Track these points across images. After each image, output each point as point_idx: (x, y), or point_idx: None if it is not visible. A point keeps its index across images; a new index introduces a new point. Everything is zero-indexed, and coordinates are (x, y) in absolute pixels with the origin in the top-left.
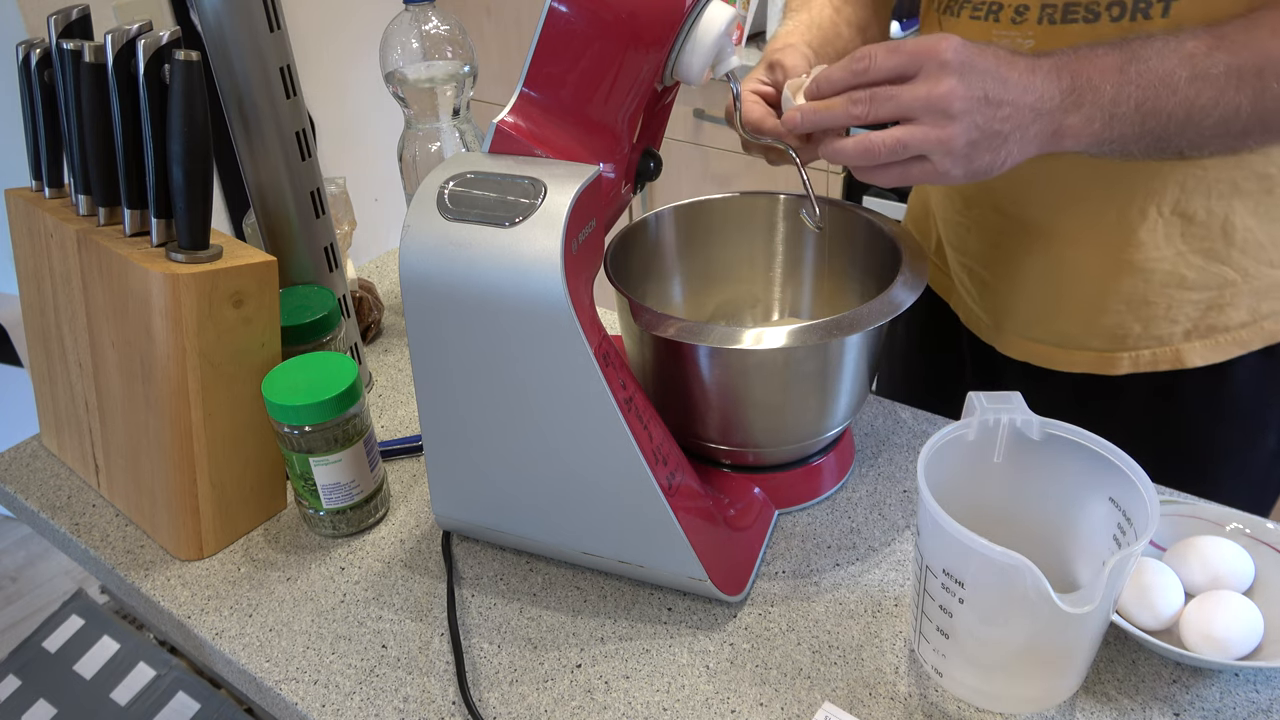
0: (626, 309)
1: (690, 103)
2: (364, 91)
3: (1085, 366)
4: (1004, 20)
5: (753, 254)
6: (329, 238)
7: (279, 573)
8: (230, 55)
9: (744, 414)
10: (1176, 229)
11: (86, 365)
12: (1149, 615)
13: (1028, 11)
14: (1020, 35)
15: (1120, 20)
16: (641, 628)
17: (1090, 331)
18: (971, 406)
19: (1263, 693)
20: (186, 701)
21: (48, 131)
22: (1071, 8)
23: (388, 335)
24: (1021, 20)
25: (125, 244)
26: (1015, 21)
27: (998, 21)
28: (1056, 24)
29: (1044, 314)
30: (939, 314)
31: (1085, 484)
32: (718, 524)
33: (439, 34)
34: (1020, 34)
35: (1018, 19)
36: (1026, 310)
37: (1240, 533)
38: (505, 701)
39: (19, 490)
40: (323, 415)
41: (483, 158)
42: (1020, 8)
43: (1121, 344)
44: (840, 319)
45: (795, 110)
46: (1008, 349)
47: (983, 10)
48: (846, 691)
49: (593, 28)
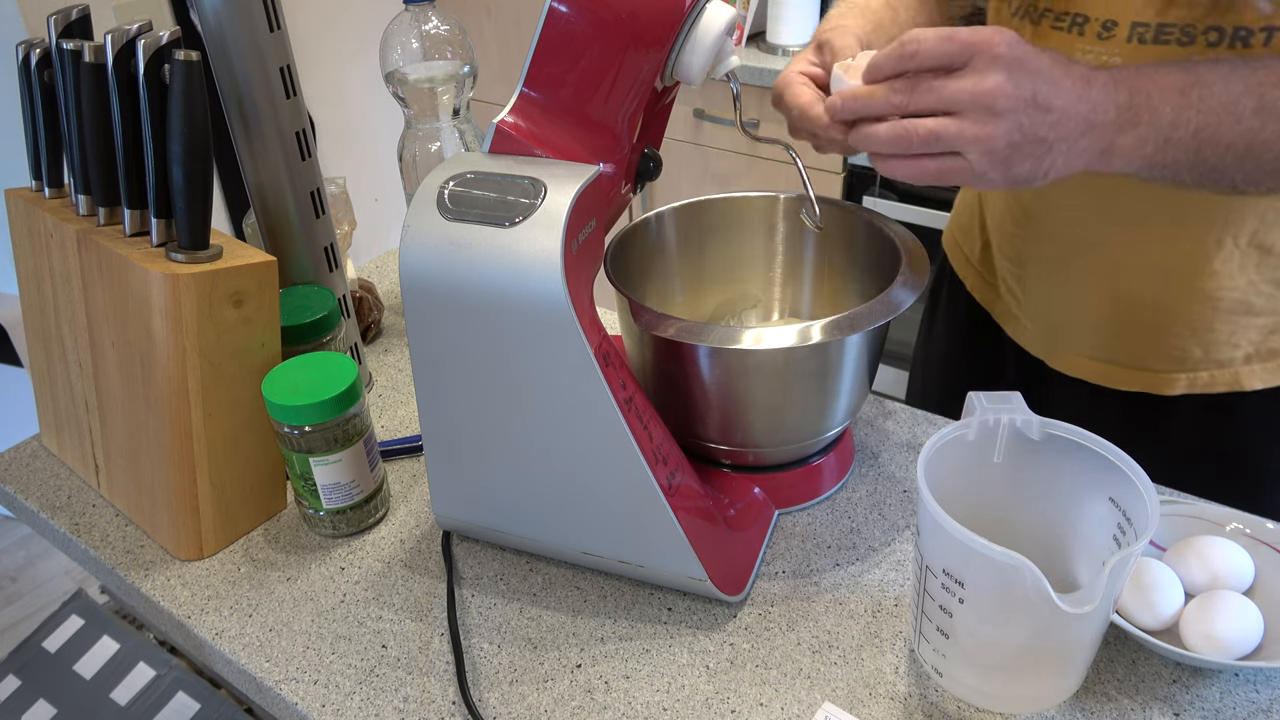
0: (626, 309)
1: (690, 103)
2: (364, 91)
3: (1140, 386)
4: (1089, 34)
5: (753, 254)
6: (329, 238)
7: (279, 573)
8: (230, 55)
9: (744, 414)
10: (1252, 260)
11: (86, 365)
12: (1149, 615)
13: (1116, 28)
14: (1106, 52)
15: (1218, 45)
16: (641, 628)
17: (1150, 353)
18: (971, 406)
19: (1263, 693)
20: (186, 701)
21: (48, 131)
22: (1165, 29)
23: (388, 335)
24: (1109, 36)
25: (125, 244)
26: (1101, 37)
27: (1082, 35)
28: (1147, 44)
29: (1102, 334)
30: (981, 323)
31: (1085, 484)
32: (718, 524)
33: (439, 34)
34: (1106, 50)
35: (1104, 34)
36: (1083, 328)
37: (1240, 533)
38: (505, 701)
39: (19, 490)
40: (323, 415)
41: (483, 158)
42: (1108, 23)
43: (1180, 365)
44: (840, 319)
45: (836, 96)
46: (1059, 364)
47: (1065, 21)
48: (846, 691)
49: (593, 28)
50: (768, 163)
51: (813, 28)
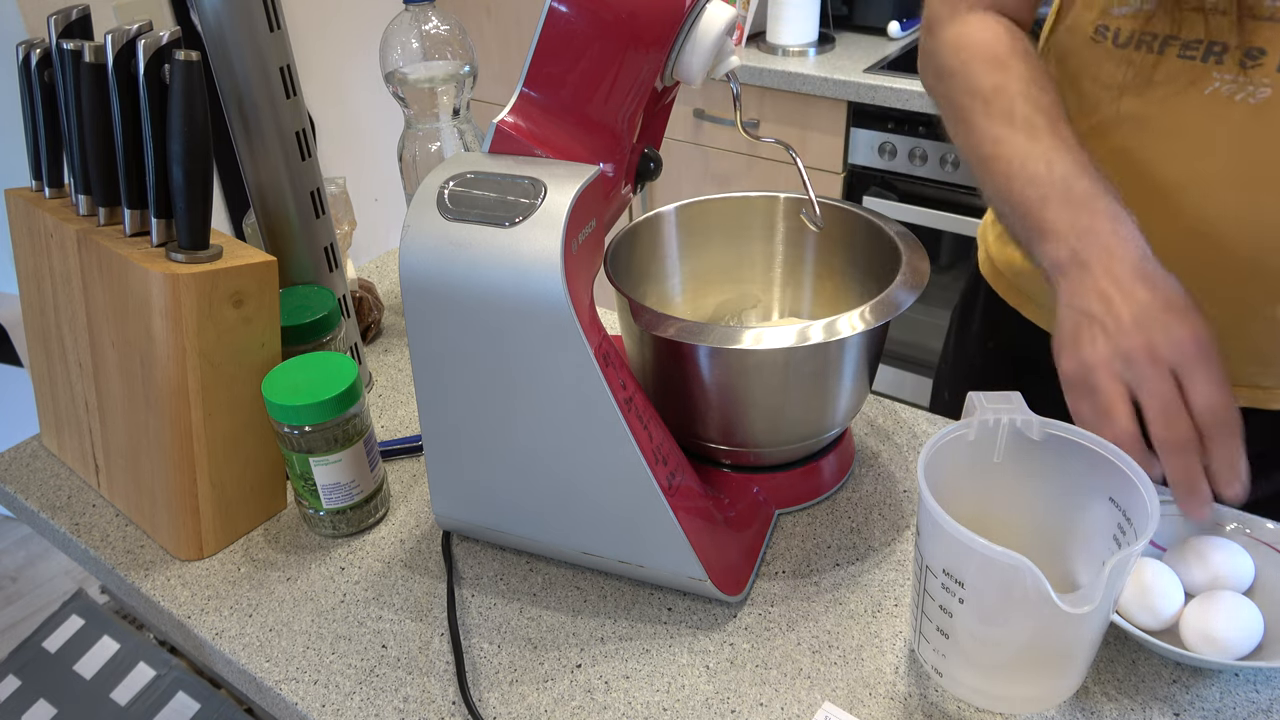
0: (626, 309)
1: (690, 103)
2: (364, 91)
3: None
4: (1229, 63)
5: (753, 254)
6: (329, 238)
7: (279, 573)
8: (230, 55)
9: (744, 414)
10: None
11: (86, 365)
12: (1149, 615)
13: (1264, 56)
14: (1252, 83)
15: None
16: (641, 628)
17: (1251, 364)
18: (971, 406)
19: (1263, 693)
20: (186, 701)
21: (48, 131)
22: None
23: (388, 335)
24: (1254, 65)
25: (125, 244)
26: (1246, 66)
27: (1220, 64)
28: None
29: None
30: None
31: (1085, 484)
32: (718, 524)
33: (439, 34)
34: (1252, 81)
35: (1249, 63)
36: None
37: (1240, 532)
38: (505, 701)
39: (19, 490)
40: (323, 415)
41: (483, 158)
42: (1253, 51)
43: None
44: (840, 319)
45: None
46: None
47: (1199, 51)
48: (846, 691)
49: (593, 28)
50: (768, 163)
51: (813, 27)
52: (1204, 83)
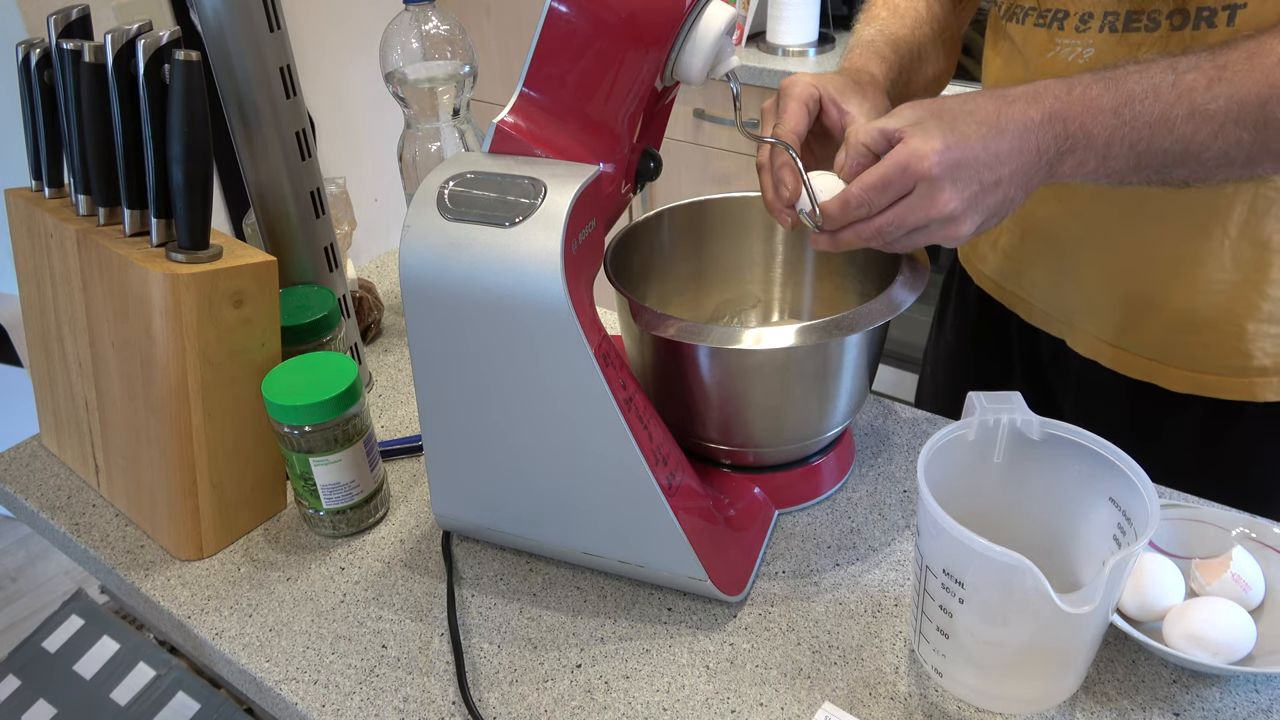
0: (626, 309)
1: (690, 103)
2: (364, 91)
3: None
4: (1068, 28)
5: (753, 254)
6: (329, 238)
7: (279, 573)
8: (230, 55)
9: (744, 414)
10: (1247, 254)
11: (86, 365)
12: (1149, 616)
13: (1091, 20)
14: (1082, 43)
15: (1182, 29)
16: (641, 628)
17: (1160, 348)
18: (971, 406)
19: (1263, 693)
20: (186, 701)
21: (48, 131)
22: (1134, 16)
23: (388, 335)
24: (1085, 29)
25: (125, 244)
26: (1079, 30)
27: (1061, 29)
28: (1119, 32)
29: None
30: (992, 316)
31: (1085, 484)
32: (718, 524)
33: (439, 34)
34: (1082, 42)
35: (1081, 27)
36: (1090, 313)
37: (1246, 537)
38: (505, 701)
39: (19, 490)
40: (323, 415)
41: (483, 158)
42: (1085, 15)
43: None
44: (840, 319)
45: (821, 237)
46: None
47: (1047, 18)
48: (846, 691)
49: (593, 28)
50: None
51: (813, 27)
52: (1056, 46)
